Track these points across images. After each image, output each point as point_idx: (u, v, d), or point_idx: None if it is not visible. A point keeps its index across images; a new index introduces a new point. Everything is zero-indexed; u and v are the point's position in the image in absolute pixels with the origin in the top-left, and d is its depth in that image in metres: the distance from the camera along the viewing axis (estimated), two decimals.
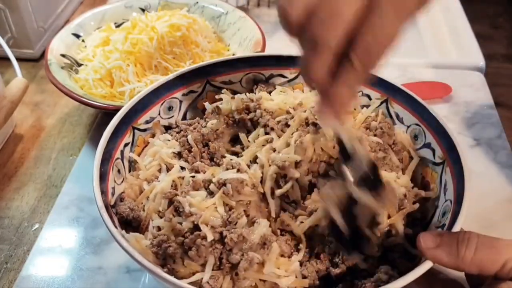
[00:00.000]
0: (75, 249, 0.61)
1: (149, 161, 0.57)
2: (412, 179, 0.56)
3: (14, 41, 0.91)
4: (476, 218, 0.63)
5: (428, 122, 0.57)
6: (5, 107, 0.72)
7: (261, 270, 0.47)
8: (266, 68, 0.66)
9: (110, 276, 0.58)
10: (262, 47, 0.79)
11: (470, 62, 0.90)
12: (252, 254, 0.46)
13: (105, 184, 0.51)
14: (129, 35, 0.78)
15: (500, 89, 1.23)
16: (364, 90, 0.63)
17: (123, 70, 0.76)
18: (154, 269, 0.43)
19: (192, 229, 0.48)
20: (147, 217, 0.52)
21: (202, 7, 0.91)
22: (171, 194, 0.51)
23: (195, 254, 0.46)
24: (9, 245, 0.63)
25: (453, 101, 0.82)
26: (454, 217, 0.47)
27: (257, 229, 0.48)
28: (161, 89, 0.61)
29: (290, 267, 0.48)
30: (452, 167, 0.52)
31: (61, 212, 0.66)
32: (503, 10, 2.48)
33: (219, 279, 0.46)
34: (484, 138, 0.75)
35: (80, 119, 0.82)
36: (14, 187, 0.71)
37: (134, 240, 0.48)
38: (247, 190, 0.51)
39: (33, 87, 0.88)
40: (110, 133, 0.55)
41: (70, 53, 0.82)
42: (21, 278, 0.58)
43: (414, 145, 0.58)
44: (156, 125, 0.61)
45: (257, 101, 0.60)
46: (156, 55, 0.77)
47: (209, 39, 0.84)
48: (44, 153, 0.76)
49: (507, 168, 0.71)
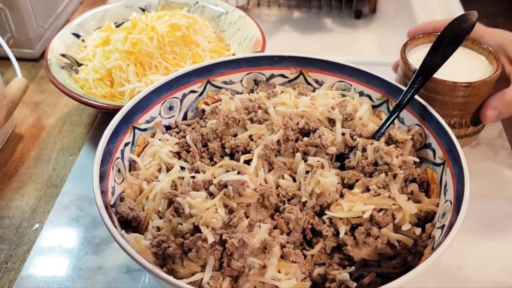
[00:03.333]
0: (75, 249, 0.61)
1: (148, 161, 0.57)
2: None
3: (14, 41, 0.91)
4: (476, 218, 0.63)
5: (428, 122, 0.57)
6: (5, 107, 0.72)
7: (261, 273, 0.47)
8: (267, 68, 0.66)
9: (110, 276, 0.58)
10: (262, 47, 0.79)
11: None
12: (252, 260, 0.46)
13: (105, 183, 0.51)
14: (129, 35, 0.78)
15: None
16: (365, 91, 0.63)
17: (123, 70, 0.76)
18: (153, 269, 0.43)
19: (192, 230, 0.48)
20: (146, 217, 0.52)
21: (202, 7, 0.91)
22: (171, 194, 0.51)
23: (195, 256, 0.46)
24: (9, 245, 0.63)
25: None
26: (454, 218, 0.47)
27: (257, 233, 0.48)
28: (161, 89, 0.61)
29: (291, 270, 0.48)
30: (452, 168, 0.52)
31: (61, 212, 0.66)
32: (503, 10, 2.48)
33: (219, 279, 0.46)
34: (484, 138, 0.75)
35: (80, 119, 0.82)
36: (14, 187, 0.71)
37: (133, 240, 0.48)
38: (248, 192, 0.51)
39: (33, 87, 0.88)
40: (110, 132, 0.55)
41: (70, 53, 0.82)
42: (21, 278, 0.58)
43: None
44: (158, 125, 0.61)
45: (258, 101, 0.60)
46: (156, 55, 0.77)
47: (209, 39, 0.84)
48: (44, 153, 0.76)
49: (507, 168, 0.71)
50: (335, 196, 0.52)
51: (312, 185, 0.52)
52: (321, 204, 0.52)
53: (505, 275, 0.59)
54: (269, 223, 0.51)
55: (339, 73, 0.65)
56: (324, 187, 0.52)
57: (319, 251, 0.51)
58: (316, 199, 0.52)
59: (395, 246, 0.50)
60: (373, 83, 0.63)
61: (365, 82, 0.63)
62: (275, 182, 0.55)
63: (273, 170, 0.56)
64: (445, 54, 0.58)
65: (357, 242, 0.50)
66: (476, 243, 0.62)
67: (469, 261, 0.60)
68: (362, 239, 0.50)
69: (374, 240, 0.50)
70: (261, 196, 0.51)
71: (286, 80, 0.67)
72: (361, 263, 0.51)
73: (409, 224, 0.51)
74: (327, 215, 0.51)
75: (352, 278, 0.49)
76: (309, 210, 0.52)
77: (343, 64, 0.64)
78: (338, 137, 0.58)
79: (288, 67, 0.66)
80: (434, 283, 0.58)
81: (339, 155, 0.58)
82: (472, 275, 0.59)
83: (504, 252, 0.61)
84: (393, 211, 0.51)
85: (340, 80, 0.65)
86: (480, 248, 0.61)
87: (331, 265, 0.50)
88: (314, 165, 0.54)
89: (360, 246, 0.50)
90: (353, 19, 1.13)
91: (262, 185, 0.53)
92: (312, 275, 0.50)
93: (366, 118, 0.61)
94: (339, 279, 0.48)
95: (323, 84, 0.66)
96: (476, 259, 0.60)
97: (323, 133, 0.57)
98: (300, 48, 1.00)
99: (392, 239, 0.50)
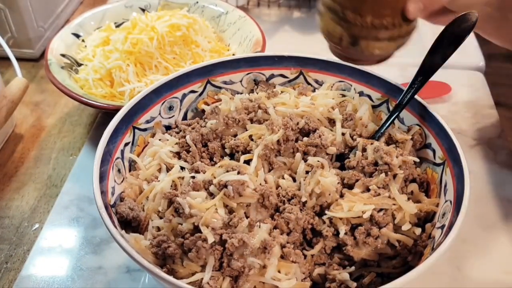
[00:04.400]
0: (75, 249, 0.61)
1: (148, 161, 0.58)
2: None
3: (14, 41, 0.91)
4: (476, 218, 0.63)
5: (428, 122, 0.57)
6: (5, 107, 0.72)
7: (261, 273, 0.47)
8: (267, 68, 0.66)
9: (110, 276, 0.58)
10: (262, 47, 0.79)
11: (470, 62, 0.90)
12: (252, 260, 0.46)
13: (105, 183, 0.51)
14: (129, 35, 0.78)
15: (500, 89, 1.23)
16: (365, 91, 0.63)
17: (123, 70, 0.76)
18: (153, 269, 0.43)
19: (192, 230, 0.48)
20: (146, 217, 0.52)
21: (202, 7, 0.91)
22: (170, 194, 0.51)
23: (195, 256, 0.46)
24: (9, 245, 0.63)
25: (453, 101, 0.82)
26: (454, 218, 0.47)
27: (257, 233, 0.48)
28: (161, 89, 0.61)
29: (291, 270, 0.48)
30: (452, 168, 0.52)
31: (61, 212, 0.66)
32: None
33: (219, 279, 0.46)
34: (484, 138, 0.75)
35: (80, 119, 0.82)
36: (14, 187, 0.71)
37: (133, 240, 0.48)
38: (248, 192, 0.51)
39: (33, 87, 0.88)
40: (110, 132, 0.55)
41: (70, 53, 0.82)
42: (21, 278, 0.58)
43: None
44: (158, 125, 0.61)
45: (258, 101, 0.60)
46: (156, 55, 0.77)
47: (209, 39, 0.84)
48: (44, 153, 0.76)
49: (507, 168, 0.71)
50: (335, 196, 0.52)
51: (312, 185, 0.52)
52: (321, 204, 0.52)
53: (505, 275, 0.59)
54: (269, 223, 0.51)
55: (339, 73, 0.65)
56: (324, 187, 0.52)
57: (319, 251, 0.51)
58: (316, 199, 0.52)
59: (395, 246, 0.50)
60: (373, 83, 0.63)
61: (365, 82, 0.63)
62: (275, 182, 0.55)
63: (273, 170, 0.56)
64: (445, 54, 0.58)
65: (357, 242, 0.50)
66: (476, 243, 0.62)
67: (469, 261, 0.60)
68: (362, 239, 0.50)
69: (374, 240, 0.50)
70: (261, 196, 0.51)
71: (286, 80, 0.67)
72: (361, 263, 0.51)
73: (409, 224, 0.51)
74: (327, 215, 0.51)
75: (352, 278, 0.49)
76: (309, 210, 0.52)
77: (343, 64, 0.64)
78: (338, 137, 0.58)
79: (288, 67, 0.66)
80: (434, 283, 0.58)
81: (339, 155, 0.58)
82: (472, 275, 0.59)
83: (504, 252, 0.61)
84: (393, 211, 0.51)
85: (340, 80, 0.65)
86: (480, 248, 0.61)
87: (331, 265, 0.50)
88: (314, 165, 0.54)
89: (360, 246, 0.50)
90: None
91: (262, 185, 0.52)
92: (312, 275, 0.50)
93: (366, 118, 0.61)
94: (339, 279, 0.48)
95: (323, 84, 0.66)
96: (476, 259, 0.60)
97: (323, 133, 0.57)
98: (300, 48, 1.00)
99: (392, 239, 0.50)
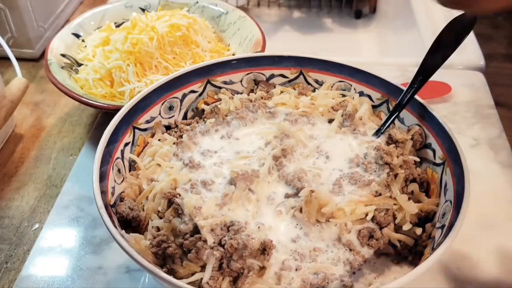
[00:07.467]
0: (75, 249, 0.61)
1: (148, 161, 0.58)
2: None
3: (14, 41, 0.91)
4: (476, 218, 0.63)
5: (428, 122, 0.57)
6: (5, 107, 0.72)
7: (260, 274, 0.47)
8: (267, 68, 0.66)
9: (110, 276, 0.58)
10: (262, 47, 0.79)
11: (470, 62, 0.90)
12: (251, 262, 0.46)
13: (105, 183, 0.51)
14: (129, 35, 0.78)
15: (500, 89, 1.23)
16: (365, 91, 0.63)
17: (123, 70, 0.76)
18: (153, 269, 0.43)
19: (192, 231, 0.48)
20: (146, 217, 0.52)
21: (202, 7, 0.91)
22: (170, 194, 0.51)
23: (195, 257, 0.46)
24: (9, 245, 0.63)
25: (453, 100, 0.82)
26: (454, 218, 0.47)
27: (257, 234, 0.48)
28: (161, 89, 0.61)
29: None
30: (452, 168, 0.52)
31: (61, 212, 0.66)
32: None
33: (219, 279, 0.46)
34: (484, 138, 0.75)
35: (80, 119, 0.82)
36: (14, 187, 0.71)
37: (133, 240, 0.48)
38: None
39: (33, 87, 0.88)
40: (110, 132, 0.55)
41: (70, 53, 0.82)
42: (21, 278, 0.58)
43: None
44: (158, 125, 0.61)
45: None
46: (156, 55, 0.77)
47: (209, 39, 0.84)
48: (44, 153, 0.76)
49: (507, 168, 0.71)
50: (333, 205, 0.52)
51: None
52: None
53: (505, 275, 0.59)
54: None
55: (339, 73, 0.65)
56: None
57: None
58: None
59: (395, 246, 0.50)
60: (373, 83, 0.63)
61: (365, 82, 0.63)
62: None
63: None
64: (445, 54, 0.58)
65: (360, 244, 0.50)
66: (476, 243, 0.62)
67: (469, 261, 0.60)
68: (365, 241, 0.50)
69: (377, 242, 0.50)
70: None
71: (286, 80, 0.67)
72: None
73: (409, 224, 0.51)
74: (331, 222, 0.51)
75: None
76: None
77: (343, 64, 0.64)
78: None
79: (288, 67, 0.66)
80: (434, 283, 0.58)
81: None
82: (472, 275, 0.59)
83: (504, 252, 0.61)
84: (394, 211, 0.51)
85: (340, 80, 0.65)
86: (480, 248, 0.61)
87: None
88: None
89: (363, 247, 0.50)
90: (353, 19, 1.13)
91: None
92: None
93: (366, 118, 0.61)
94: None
95: (323, 84, 0.66)
96: (476, 259, 0.60)
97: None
98: (300, 48, 1.00)
99: (393, 239, 0.50)
